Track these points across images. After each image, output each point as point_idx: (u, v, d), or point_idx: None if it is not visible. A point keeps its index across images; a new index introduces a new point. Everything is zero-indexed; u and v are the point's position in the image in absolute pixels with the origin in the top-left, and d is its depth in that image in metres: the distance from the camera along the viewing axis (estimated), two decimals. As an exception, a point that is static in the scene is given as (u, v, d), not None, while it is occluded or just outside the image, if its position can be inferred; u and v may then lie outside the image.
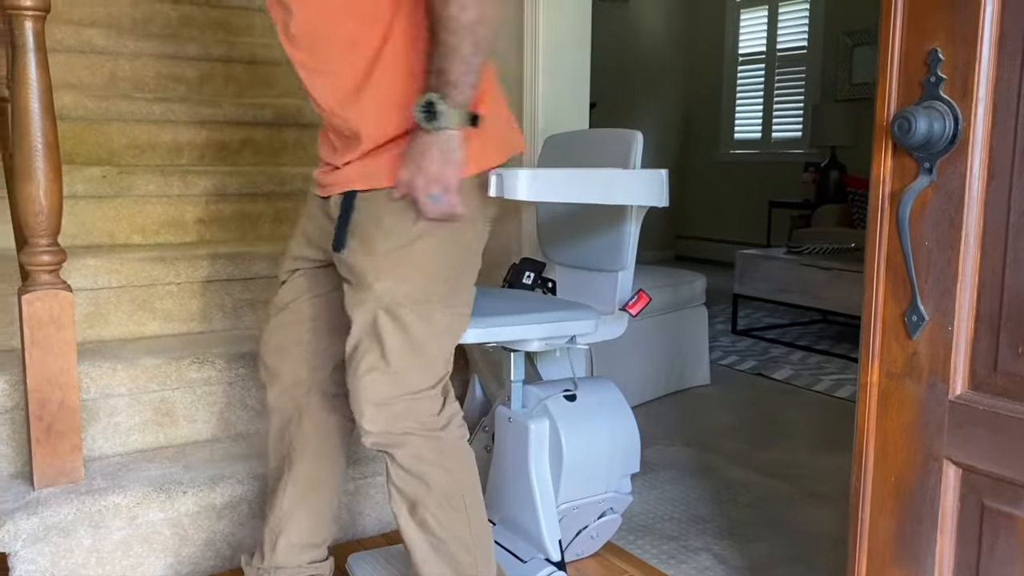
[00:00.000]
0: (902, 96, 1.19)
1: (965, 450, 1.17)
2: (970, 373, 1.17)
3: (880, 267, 1.25)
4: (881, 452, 1.27)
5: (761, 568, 1.99)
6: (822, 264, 4.20)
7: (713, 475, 2.55)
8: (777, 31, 6.79)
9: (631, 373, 3.09)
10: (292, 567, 1.68)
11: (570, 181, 1.58)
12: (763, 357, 4.02)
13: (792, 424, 3.04)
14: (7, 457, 1.92)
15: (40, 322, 1.78)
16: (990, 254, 1.13)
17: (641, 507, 2.30)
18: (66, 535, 1.75)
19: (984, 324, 1.15)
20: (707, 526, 2.20)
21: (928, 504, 1.21)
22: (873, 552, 1.29)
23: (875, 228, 1.25)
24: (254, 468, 1.95)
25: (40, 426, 1.80)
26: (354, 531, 2.10)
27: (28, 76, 1.74)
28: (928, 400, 1.20)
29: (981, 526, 1.17)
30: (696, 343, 3.48)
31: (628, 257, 1.83)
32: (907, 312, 1.22)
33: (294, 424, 1.67)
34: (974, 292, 1.15)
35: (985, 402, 1.14)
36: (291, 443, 1.68)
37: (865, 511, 1.30)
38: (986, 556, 1.16)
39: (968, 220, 1.14)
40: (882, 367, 1.26)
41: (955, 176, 1.15)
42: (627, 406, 1.92)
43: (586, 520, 1.91)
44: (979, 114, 1.12)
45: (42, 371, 1.79)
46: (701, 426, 3.00)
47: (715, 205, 7.46)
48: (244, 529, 1.95)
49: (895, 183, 1.21)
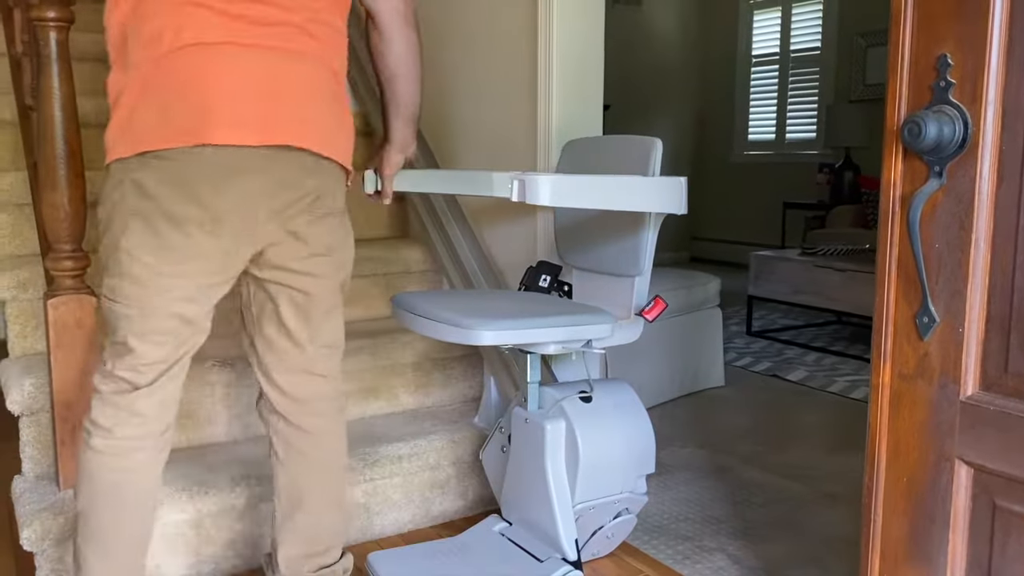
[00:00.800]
0: (912, 100, 1.21)
1: (976, 450, 1.18)
2: (981, 374, 1.18)
3: (891, 269, 1.26)
4: (893, 452, 1.29)
5: (775, 568, 2.00)
6: (836, 265, 4.20)
7: (728, 476, 2.56)
8: (791, 32, 6.78)
9: (646, 375, 3.11)
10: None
11: (591, 187, 1.60)
12: (778, 358, 4.03)
13: (807, 425, 3.05)
14: (33, 459, 1.96)
15: (65, 326, 1.82)
16: (1000, 256, 1.15)
17: (656, 508, 2.31)
18: (91, 535, 1.78)
19: (995, 325, 1.16)
20: (721, 527, 2.22)
21: (940, 504, 1.23)
22: (886, 552, 1.31)
23: (886, 231, 1.26)
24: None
25: (65, 428, 1.84)
26: (372, 531, 2.13)
27: (52, 85, 1.78)
28: (940, 401, 1.22)
29: (993, 525, 1.18)
30: (711, 345, 3.49)
31: (645, 263, 1.85)
32: (918, 314, 1.23)
33: (271, 431, 1.68)
34: (984, 293, 1.17)
35: (996, 402, 1.16)
36: (272, 453, 1.68)
37: (878, 511, 1.31)
38: (998, 555, 1.17)
39: (978, 223, 1.16)
40: (894, 368, 1.28)
41: (965, 179, 1.16)
42: (642, 407, 1.94)
43: (602, 520, 1.92)
44: (988, 118, 1.14)
45: (67, 373, 1.83)
46: (715, 428, 3.01)
47: (730, 207, 7.46)
48: (264, 529, 1.98)
49: (906, 186, 1.23)
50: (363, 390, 2.34)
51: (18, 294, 2.10)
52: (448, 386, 2.49)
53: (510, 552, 1.89)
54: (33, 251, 2.32)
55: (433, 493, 2.21)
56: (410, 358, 2.40)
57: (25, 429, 1.95)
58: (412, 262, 2.67)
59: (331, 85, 1.49)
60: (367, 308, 2.61)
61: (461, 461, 2.23)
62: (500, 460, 2.03)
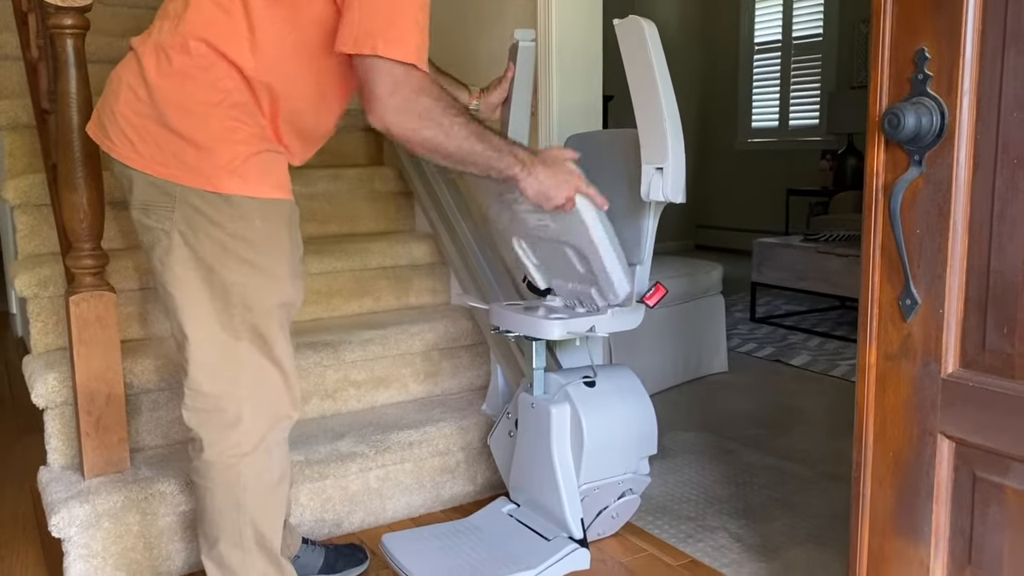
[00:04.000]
0: (892, 92, 1.27)
1: (957, 425, 1.24)
2: (961, 352, 1.24)
3: (875, 255, 1.32)
4: (880, 429, 1.35)
5: (776, 546, 2.06)
6: (839, 251, 4.25)
7: (730, 459, 2.62)
8: (792, 19, 6.81)
9: (649, 362, 3.17)
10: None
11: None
12: (781, 344, 4.09)
13: (809, 409, 3.11)
14: (58, 450, 2.03)
15: (86, 322, 1.89)
16: (977, 240, 1.20)
17: (659, 490, 2.38)
18: (116, 521, 1.86)
19: (973, 306, 1.22)
20: (724, 507, 2.28)
21: (924, 477, 1.29)
22: (875, 524, 1.37)
23: (870, 218, 1.32)
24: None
25: (89, 420, 1.92)
26: (384, 515, 2.20)
27: (69, 90, 1.85)
28: (922, 379, 1.28)
29: (973, 496, 1.24)
30: (713, 332, 3.55)
31: (645, 251, 1.90)
32: (901, 296, 1.29)
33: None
34: (963, 276, 1.23)
35: (975, 379, 1.22)
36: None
37: (866, 486, 1.38)
38: (979, 523, 1.24)
39: (956, 208, 1.22)
40: (879, 349, 1.34)
41: (943, 167, 1.22)
42: (644, 391, 2.01)
43: (606, 500, 1.99)
44: (964, 109, 1.19)
45: (89, 368, 1.90)
46: (718, 412, 3.07)
47: (734, 194, 7.50)
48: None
49: (887, 175, 1.29)
50: (373, 380, 2.41)
51: (39, 292, 2.17)
52: (456, 375, 2.56)
53: (518, 532, 1.96)
54: (52, 250, 2.40)
55: (443, 478, 2.28)
56: (419, 348, 2.47)
57: (50, 422, 2.02)
58: (419, 256, 2.74)
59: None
60: (376, 300, 2.68)
61: (470, 447, 2.30)
62: (508, 444, 2.10)
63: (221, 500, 1.47)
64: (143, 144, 1.41)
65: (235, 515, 1.47)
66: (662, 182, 1.69)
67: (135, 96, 1.42)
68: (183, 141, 1.39)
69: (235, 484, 1.47)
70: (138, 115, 1.41)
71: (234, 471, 1.46)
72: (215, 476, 1.46)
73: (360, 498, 2.16)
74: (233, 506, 1.47)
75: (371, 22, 1.34)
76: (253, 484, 1.48)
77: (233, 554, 1.47)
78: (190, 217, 1.41)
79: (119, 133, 1.43)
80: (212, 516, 1.48)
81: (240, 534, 1.47)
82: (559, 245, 1.84)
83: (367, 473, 2.16)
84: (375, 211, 2.93)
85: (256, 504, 1.49)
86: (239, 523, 1.47)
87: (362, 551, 1.96)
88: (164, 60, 1.40)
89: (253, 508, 1.48)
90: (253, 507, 1.48)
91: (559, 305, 1.99)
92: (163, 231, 1.43)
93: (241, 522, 1.47)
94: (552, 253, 1.90)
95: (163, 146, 1.40)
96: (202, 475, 1.48)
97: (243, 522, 1.47)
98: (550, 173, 1.60)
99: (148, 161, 1.42)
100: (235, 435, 1.46)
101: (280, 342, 1.49)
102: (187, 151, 1.39)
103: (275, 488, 1.52)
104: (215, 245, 1.41)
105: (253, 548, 1.49)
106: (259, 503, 1.49)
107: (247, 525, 1.48)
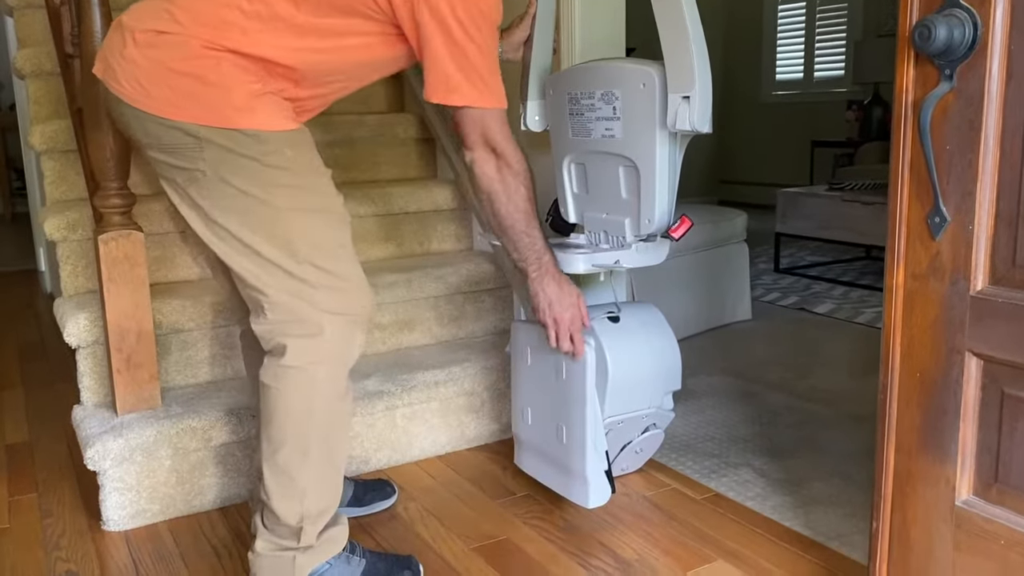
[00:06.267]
0: (924, 5, 1.24)
1: (986, 342, 1.23)
2: (990, 269, 1.23)
3: (904, 173, 1.31)
4: (907, 350, 1.34)
5: (800, 480, 2.07)
6: (864, 199, 4.21)
7: (754, 400, 2.63)
8: (818, -32, 6.69)
9: (673, 308, 3.16)
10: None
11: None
12: (805, 293, 4.07)
13: (833, 354, 3.10)
14: (90, 388, 2.07)
15: (115, 260, 1.92)
16: (1009, 154, 1.19)
17: (683, 429, 2.39)
18: (149, 455, 1.90)
19: (1003, 222, 1.20)
20: (747, 445, 2.29)
21: (951, 395, 1.28)
22: (900, 444, 1.37)
23: (899, 135, 1.30)
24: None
25: (120, 357, 1.95)
26: (411, 453, 2.23)
27: (93, 30, 1.85)
28: (951, 297, 1.27)
29: (1001, 413, 1.24)
30: (737, 279, 3.53)
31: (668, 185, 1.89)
32: (930, 214, 1.28)
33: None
34: (993, 191, 1.21)
35: (1004, 295, 1.21)
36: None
37: (893, 406, 1.37)
38: (1006, 440, 1.23)
39: (987, 122, 1.20)
40: (907, 269, 1.33)
41: (975, 80, 1.20)
42: (668, 327, 2.01)
43: (631, 435, 2.00)
44: (998, 19, 1.17)
45: (119, 306, 1.93)
46: (742, 357, 3.07)
47: (758, 148, 7.42)
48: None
49: (917, 91, 1.27)
50: (398, 323, 2.43)
51: (68, 235, 2.20)
52: (480, 318, 2.57)
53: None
54: (79, 196, 2.42)
55: (468, 417, 2.30)
56: (443, 291, 2.48)
57: (82, 361, 2.06)
58: (442, 201, 2.74)
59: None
60: (399, 246, 2.69)
61: (494, 387, 2.32)
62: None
63: (295, 404, 1.49)
64: (155, 87, 1.42)
65: (305, 420, 1.49)
66: (688, 111, 1.67)
67: (146, 40, 1.42)
68: (196, 81, 1.40)
69: (310, 389, 1.49)
70: (148, 59, 1.42)
71: (310, 375, 1.48)
72: (291, 378, 1.48)
73: (386, 436, 2.19)
74: (305, 411, 1.49)
75: (462, 72, 1.47)
76: (325, 391, 1.50)
77: (293, 459, 1.50)
78: (222, 157, 1.42)
79: (129, 77, 1.44)
80: (281, 420, 1.50)
81: (307, 439, 1.50)
82: (617, 161, 1.82)
83: (393, 411, 2.18)
84: (397, 157, 2.93)
85: (325, 411, 1.51)
86: (307, 428, 1.50)
87: (390, 485, 1.99)
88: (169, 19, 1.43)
89: (322, 414, 1.51)
90: (322, 413, 1.51)
91: (582, 242, 1.98)
92: (199, 171, 1.45)
93: (310, 426, 1.50)
94: (601, 174, 1.88)
95: (175, 87, 1.41)
96: (279, 378, 1.49)
97: (312, 426, 1.50)
98: (556, 290, 1.72)
99: (163, 104, 1.42)
100: (316, 343, 1.48)
101: (343, 257, 1.51)
102: (201, 91, 1.40)
103: (343, 398, 1.55)
104: (256, 178, 1.43)
105: (315, 455, 1.51)
106: (328, 410, 1.52)
107: (314, 429, 1.51)
